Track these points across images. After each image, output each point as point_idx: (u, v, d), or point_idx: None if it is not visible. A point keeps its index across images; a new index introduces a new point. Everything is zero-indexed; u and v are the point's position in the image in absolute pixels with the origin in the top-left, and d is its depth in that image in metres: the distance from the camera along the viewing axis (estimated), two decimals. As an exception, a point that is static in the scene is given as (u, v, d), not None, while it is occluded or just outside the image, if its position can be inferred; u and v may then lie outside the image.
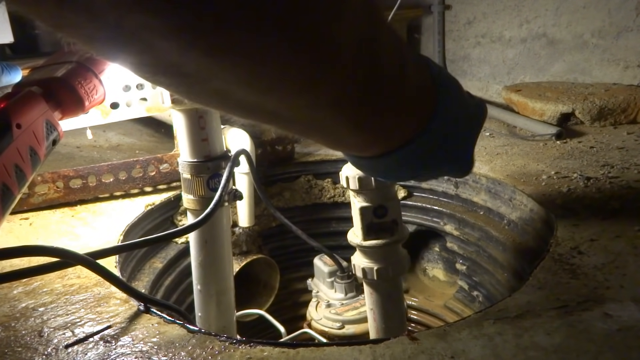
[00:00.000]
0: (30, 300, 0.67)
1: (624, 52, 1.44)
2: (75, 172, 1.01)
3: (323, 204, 1.32)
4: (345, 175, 0.73)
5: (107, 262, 0.77)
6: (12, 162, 0.53)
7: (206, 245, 0.86)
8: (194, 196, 0.83)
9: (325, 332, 1.09)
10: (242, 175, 1.07)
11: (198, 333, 0.58)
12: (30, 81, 0.65)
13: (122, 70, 0.78)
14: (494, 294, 1.07)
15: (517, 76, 1.73)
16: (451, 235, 1.19)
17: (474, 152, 0.49)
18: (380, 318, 0.80)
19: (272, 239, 1.33)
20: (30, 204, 0.98)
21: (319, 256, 1.20)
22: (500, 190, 1.06)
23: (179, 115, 0.81)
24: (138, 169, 1.08)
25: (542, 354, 0.50)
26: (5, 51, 1.99)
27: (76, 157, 1.40)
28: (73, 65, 0.68)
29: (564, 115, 1.35)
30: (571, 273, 0.65)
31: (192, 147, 0.82)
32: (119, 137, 1.63)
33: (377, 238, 0.74)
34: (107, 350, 0.56)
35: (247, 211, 1.12)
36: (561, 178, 0.99)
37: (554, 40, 1.59)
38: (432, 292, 1.32)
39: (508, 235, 1.02)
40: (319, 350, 0.53)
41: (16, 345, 0.57)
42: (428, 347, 0.52)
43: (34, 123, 0.57)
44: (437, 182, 1.22)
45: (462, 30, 1.86)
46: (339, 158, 1.29)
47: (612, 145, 1.16)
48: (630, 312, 0.56)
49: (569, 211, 0.84)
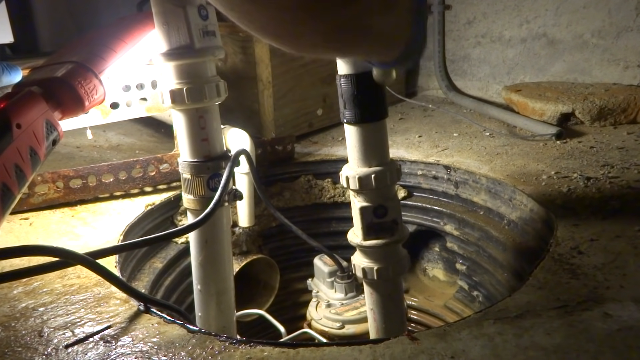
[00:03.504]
0: (30, 300, 0.67)
1: (624, 52, 1.44)
2: (75, 172, 1.01)
3: (323, 204, 1.32)
4: (345, 175, 0.73)
5: (107, 262, 0.77)
6: (12, 162, 0.53)
7: (206, 245, 0.86)
8: (194, 196, 0.83)
9: (325, 332, 1.09)
10: (242, 175, 1.07)
11: (198, 333, 0.58)
12: (30, 81, 0.65)
13: (122, 70, 0.78)
14: (494, 294, 1.07)
15: (517, 76, 1.73)
16: (451, 235, 1.19)
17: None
18: (380, 318, 0.80)
19: (272, 239, 1.33)
20: (30, 204, 0.98)
21: (319, 256, 1.20)
22: (500, 190, 1.06)
23: (179, 115, 0.81)
24: (138, 169, 1.08)
25: (542, 354, 0.50)
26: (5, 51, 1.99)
27: (76, 157, 1.41)
28: (73, 65, 0.68)
29: (564, 115, 1.35)
30: (571, 273, 0.65)
31: (192, 147, 0.82)
32: (119, 137, 1.63)
33: (377, 238, 0.74)
34: (107, 350, 0.56)
35: (247, 211, 1.12)
36: (561, 178, 0.99)
37: (554, 40, 1.59)
38: (432, 292, 1.32)
39: (508, 235, 1.02)
40: (319, 350, 0.53)
41: (16, 345, 0.57)
42: (428, 347, 0.52)
43: (34, 123, 0.57)
44: (437, 182, 1.22)
45: (462, 30, 1.86)
46: (339, 158, 1.29)
47: (612, 145, 1.16)
48: (630, 312, 0.56)
49: (569, 211, 0.84)
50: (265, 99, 1.38)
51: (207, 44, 0.77)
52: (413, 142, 1.35)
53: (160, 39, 0.76)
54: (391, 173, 0.72)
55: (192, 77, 0.78)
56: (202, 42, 0.76)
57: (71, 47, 0.76)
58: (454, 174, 1.17)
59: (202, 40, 0.76)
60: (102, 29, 0.81)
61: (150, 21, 0.77)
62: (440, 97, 1.90)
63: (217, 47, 0.79)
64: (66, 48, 0.76)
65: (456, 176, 1.17)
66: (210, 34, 0.77)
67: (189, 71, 0.78)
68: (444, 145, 1.30)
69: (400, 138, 1.40)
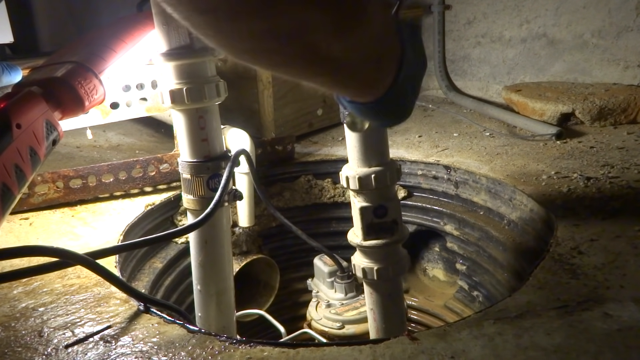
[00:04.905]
0: (30, 300, 0.67)
1: (624, 52, 1.44)
2: (75, 172, 1.01)
3: (323, 204, 1.32)
4: (345, 175, 0.73)
5: (107, 262, 0.77)
6: (12, 162, 0.53)
7: (206, 246, 0.86)
8: (194, 196, 0.83)
9: (325, 332, 1.09)
10: (242, 175, 1.07)
11: (198, 333, 0.58)
12: (30, 81, 0.65)
13: (122, 70, 0.78)
14: (494, 294, 1.07)
15: (517, 76, 1.73)
16: (451, 235, 1.19)
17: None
18: (380, 318, 0.80)
19: (272, 239, 1.33)
20: (30, 204, 0.98)
21: (319, 256, 1.20)
22: (500, 190, 1.06)
23: (179, 115, 0.81)
24: (138, 169, 1.08)
25: (542, 354, 0.50)
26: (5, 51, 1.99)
27: (76, 157, 1.41)
28: (73, 65, 0.68)
29: (564, 115, 1.35)
30: (571, 273, 0.65)
31: (192, 147, 0.82)
32: (119, 137, 1.63)
33: (377, 238, 0.74)
34: (107, 350, 0.56)
35: (247, 211, 1.12)
36: (561, 178, 0.99)
37: (554, 40, 1.59)
38: (432, 292, 1.32)
39: (508, 235, 1.02)
40: (319, 350, 0.53)
41: (16, 345, 0.57)
42: (428, 347, 0.52)
43: (34, 123, 0.57)
44: (437, 182, 1.22)
45: (462, 30, 1.86)
46: (339, 158, 1.29)
47: (612, 145, 1.16)
48: (630, 312, 0.56)
49: (569, 211, 0.84)
50: (265, 99, 1.38)
51: (207, 44, 0.77)
52: (413, 142, 1.35)
53: (160, 39, 0.76)
54: (391, 173, 0.72)
55: (192, 77, 0.78)
56: (201, 42, 0.76)
57: (71, 47, 0.76)
58: (454, 174, 1.17)
59: (201, 40, 0.76)
60: (102, 29, 0.81)
61: (150, 21, 0.77)
62: (440, 97, 1.90)
63: (217, 47, 0.79)
64: (66, 48, 0.76)
65: (456, 176, 1.17)
66: (210, 34, 0.77)
67: (189, 71, 0.78)
68: (444, 145, 1.30)
69: (400, 138, 1.40)
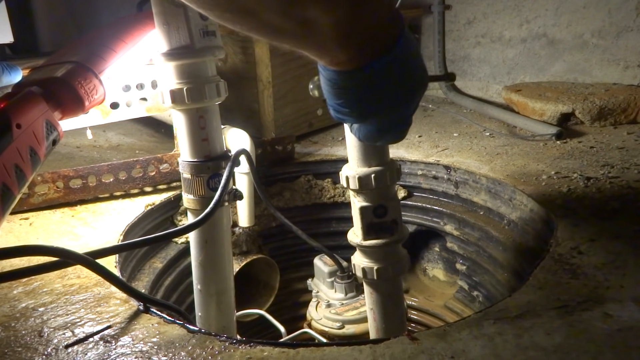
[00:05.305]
0: (30, 300, 0.67)
1: (624, 52, 1.44)
2: (75, 172, 1.01)
3: (323, 204, 1.32)
4: (345, 175, 0.73)
5: (107, 262, 0.77)
6: (12, 162, 0.53)
7: (206, 245, 0.86)
8: (194, 196, 0.83)
9: (325, 332, 1.09)
10: (242, 175, 1.07)
11: (198, 333, 0.58)
12: (30, 81, 0.65)
13: (122, 70, 0.78)
14: (494, 294, 1.07)
15: (517, 76, 1.73)
16: (451, 235, 1.19)
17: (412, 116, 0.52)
18: (380, 318, 0.80)
19: (272, 239, 1.33)
20: (30, 204, 0.98)
21: (319, 256, 1.20)
22: (500, 190, 1.06)
23: (179, 115, 0.81)
24: (138, 169, 1.08)
25: (542, 354, 0.50)
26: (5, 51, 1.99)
27: (76, 157, 1.40)
28: (73, 65, 0.68)
29: (564, 115, 1.35)
30: (571, 273, 0.65)
31: (192, 147, 0.82)
32: (119, 137, 1.63)
33: (377, 238, 0.74)
34: (107, 350, 0.56)
35: (247, 211, 1.12)
36: (561, 178, 0.99)
37: (554, 40, 1.59)
38: (432, 292, 1.32)
39: (508, 235, 1.02)
40: (319, 350, 0.53)
41: (16, 345, 0.57)
42: (428, 347, 0.52)
43: (34, 123, 0.57)
44: (437, 182, 1.22)
45: (462, 30, 1.86)
46: (338, 158, 1.29)
47: (612, 145, 1.16)
48: (630, 312, 0.56)
49: (569, 211, 0.84)
50: (265, 99, 1.38)
51: (207, 44, 0.77)
52: (413, 142, 1.35)
53: (161, 39, 0.76)
54: (391, 173, 0.72)
55: (193, 77, 0.78)
56: (202, 42, 0.76)
57: (71, 47, 0.76)
58: (454, 174, 1.17)
59: (202, 40, 0.76)
60: (102, 29, 0.81)
61: (150, 21, 0.77)
62: (440, 97, 1.90)
63: (218, 47, 0.79)
64: (66, 48, 0.76)
65: (456, 176, 1.17)
66: (211, 34, 0.77)
67: (189, 71, 0.78)
68: (444, 145, 1.30)
69: (400, 138, 1.39)
